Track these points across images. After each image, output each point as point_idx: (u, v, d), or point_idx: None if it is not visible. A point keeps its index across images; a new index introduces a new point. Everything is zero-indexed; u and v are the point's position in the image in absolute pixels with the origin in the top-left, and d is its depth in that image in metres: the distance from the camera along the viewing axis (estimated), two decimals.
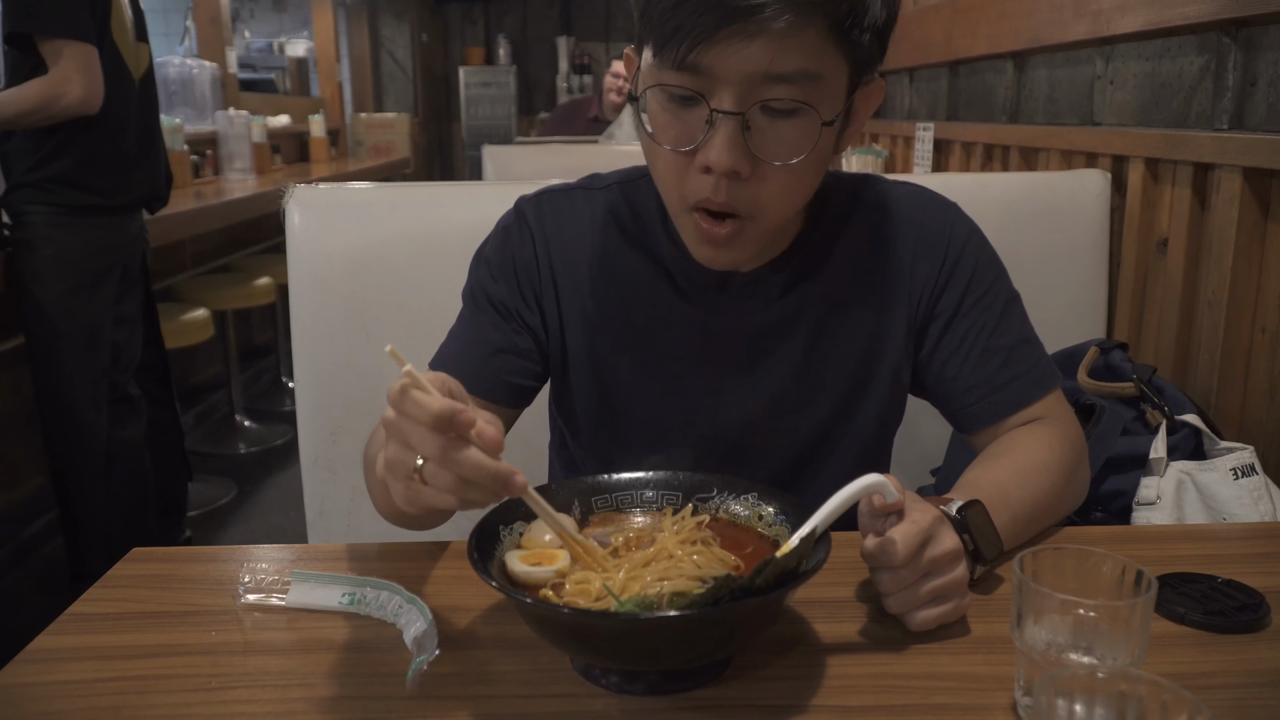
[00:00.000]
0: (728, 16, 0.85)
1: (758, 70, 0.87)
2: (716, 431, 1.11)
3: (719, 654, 0.76)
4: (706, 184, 0.92)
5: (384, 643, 0.83)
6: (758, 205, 0.94)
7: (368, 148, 7.44)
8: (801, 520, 0.80)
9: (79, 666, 0.80)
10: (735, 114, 0.89)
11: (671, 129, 0.93)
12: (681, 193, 0.96)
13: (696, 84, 0.89)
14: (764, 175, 0.92)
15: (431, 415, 0.69)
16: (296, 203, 1.48)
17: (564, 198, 1.13)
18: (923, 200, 1.13)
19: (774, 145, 0.91)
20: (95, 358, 2.71)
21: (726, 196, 0.92)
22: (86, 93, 2.51)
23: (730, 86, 0.88)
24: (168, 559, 1.00)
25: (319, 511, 1.50)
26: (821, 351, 1.09)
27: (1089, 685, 0.61)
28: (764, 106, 0.89)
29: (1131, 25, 1.84)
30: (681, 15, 0.86)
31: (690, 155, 0.92)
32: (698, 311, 1.08)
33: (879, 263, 1.10)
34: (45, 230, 2.60)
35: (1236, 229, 1.52)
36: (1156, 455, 1.34)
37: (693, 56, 0.87)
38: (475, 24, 9.61)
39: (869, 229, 1.10)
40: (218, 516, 3.58)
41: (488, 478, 0.71)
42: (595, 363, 1.11)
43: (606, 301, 1.10)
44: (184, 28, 6.72)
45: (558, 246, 1.11)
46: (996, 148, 2.58)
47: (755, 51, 0.86)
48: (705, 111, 0.90)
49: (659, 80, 0.91)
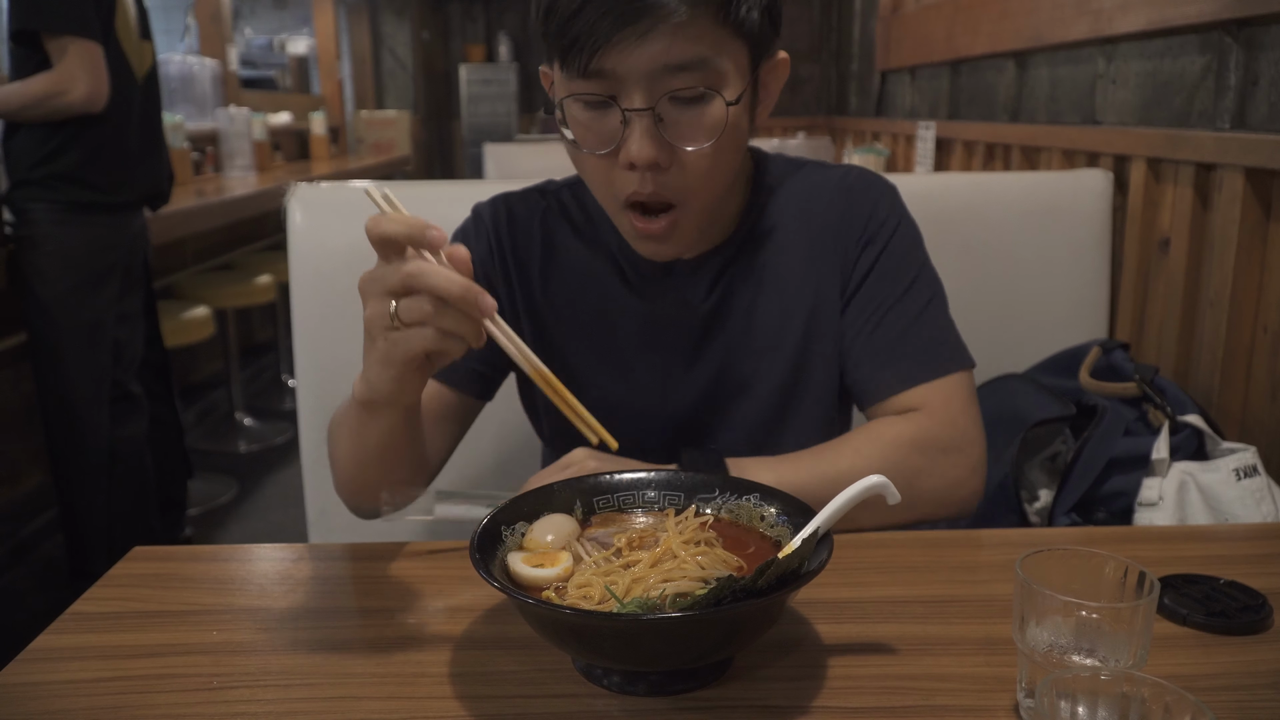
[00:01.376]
0: (620, 20, 0.90)
1: (657, 65, 0.92)
2: (667, 415, 1.15)
3: (721, 655, 0.76)
4: (632, 180, 0.98)
5: (386, 642, 0.83)
6: (685, 191, 0.99)
7: (368, 145, 7.44)
8: (804, 521, 0.80)
9: (80, 666, 0.80)
10: (645, 110, 0.94)
11: (591, 134, 0.98)
12: (612, 192, 1.01)
13: (605, 87, 0.94)
14: (683, 161, 0.97)
15: (405, 224, 0.79)
16: (298, 201, 1.48)
17: (518, 200, 1.20)
18: (858, 182, 1.17)
19: (687, 132, 0.96)
20: (97, 355, 2.71)
21: (654, 187, 0.98)
22: (92, 90, 2.51)
23: (636, 84, 0.93)
24: (168, 558, 1.00)
25: (320, 510, 1.50)
26: (761, 331, 1.13)
27: (1091, 687, 0.61)
28: (671, 97, 0.94)
29: (1133, 24, 1.84)
30: (578, 26, 0.91)
31: (613, 156, 0.98)
32: (643, 300, 1.14)
33: (812, 242, 1.14)
34: (48, 228, 2.60)
35: (1238, 228, 1.51)
36: (1159, 456, 1.34)
37: (595, 63, 0.92)
38: (476, 21, 9.60)
39: (804, 210, 1.15)
40: (218, 514, 3.58)
41: (459, 289, 0.78)
42: (549, 354, 1.15)
43: (558, 295, 1.16)
44: (185, 25, 6.71)
45: (511, 245, 1.17)
46: (998, 146, 2.58)
47: (652, 48, 0.91)
48: (618, 113, 0.95)
49: (570, 90, 0.96)
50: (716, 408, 1.15)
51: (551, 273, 1.16)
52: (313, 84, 8.57)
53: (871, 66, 4.27)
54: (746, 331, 1.14)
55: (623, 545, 0.84)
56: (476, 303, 0.79)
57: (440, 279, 0.78)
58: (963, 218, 1.67)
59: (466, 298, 0.78)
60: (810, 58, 5.65)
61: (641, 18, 0.90)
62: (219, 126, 4.80)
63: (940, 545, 1.01)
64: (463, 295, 0.78)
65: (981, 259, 1.67)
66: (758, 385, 1.14)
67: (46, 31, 2.48)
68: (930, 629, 0.84)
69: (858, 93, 4.77)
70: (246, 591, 0.93)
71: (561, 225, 1.18)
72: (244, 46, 8.24)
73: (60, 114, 2.52)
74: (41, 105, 2.49)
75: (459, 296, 0.78)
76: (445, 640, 0.83)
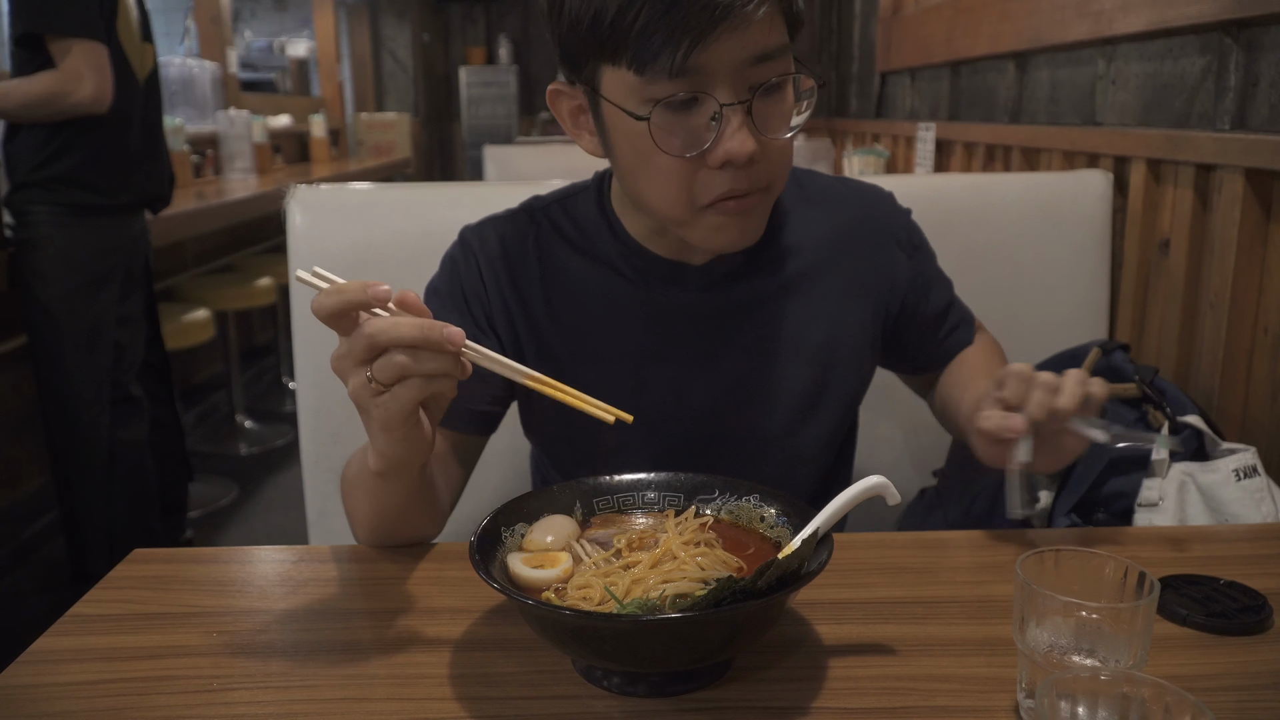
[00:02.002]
0: (720, 13, 0.87)
1: (748, 55, 0.91)
2: (681, 427, 1.12)
3: (721, 656, 0.76)
4: (724, 179, 0.95)
5: (386, 644, 0.83)
6: (768, 180, 0.98)
7: (369, 147, 7.44)
8: (804, 522, 0.80)
9: (80, 668, 0.80)
10: (739, 103, 0.92)
11: (674, 139, 0.94)
12: (691, 196, 0.97)
13: (695, 86, 0.91)
14: (769, 153, 0.96)
15: (345, 292, 0.78)
16: (298, 203, 1.48)
17: (506, 222, 1.15)
18: (866, 191, 1.22)
19: (775, 120, 0.96)
20: (98, 358, 2.71)
21: (749, 184, 0.96)
22: (97, 90, 2.50)
23: (727, 79, 0.91)
24: (169, 560, 1.00)
25: (320, 512, 1.50)
26: (784, 336, 1.12)
27: (1091, 687, 0.61)
28: (759, 88, 0.93)
29: (1133, 25, 1.84)
30: (672, 22, 0.87)
31: (698, 159, 0.94)
32: (655, 304, 1.11)
33: (835, 247, 1.15)
34: (49, 230, 2.59)
35: (1239, 230, 1.51)
36: (1159, 457, 1.34)
37: (686, 61, 0.89)
38: (476, 23, 9.61)
39: (821, 218, 1.16)
40: (219, 517, 3.58)
41: (420, 332, 0.77)
42: (558, 368, 1.11)
43: (560, 312, 1.12)
44: (185, 27, 6.71)
45: (504, 269, 1.12)
46: (998, 148, 2.58)
47: (744, 39, 0.90)
48: (707, 112, 0.92)
49: (651, 96, 0.92)
50: (734, 414, 1.12)
51: (554, 296, 1.12)
52: (313, 86, 8.58)
53: (871, 68, 4.27)
54: (768, 336, 1.11)
55: (622, 546, 0.84)
56: (443, 338, 0.77)
57: (400, 329, 0.77)
58: (963, 219, 1.67)
59: (430, 336, 0.77)
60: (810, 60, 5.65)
61: (727, 12, 0.88)
62: (219, 129, 4.80)
63: (940, 546, 1.01)
64: (425, 336, 0.77)
65: (981, 260, 1.67)
66: (779, 392, 1.12)
67: (50, 33, 2.47)
68: (930, 630, 0.84)
69: (858, 94, 4.77)
70: (246, 593, 0.93)
71: (557, 244, 1.13)
72: (244, 49, 8.25)
73: (64, 114, 2.51)
74: (46, 105, 2.48)
75: (423, 339, 0.77)
76: (445, 641, 0.83)
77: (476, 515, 0.84)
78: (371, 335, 0.77)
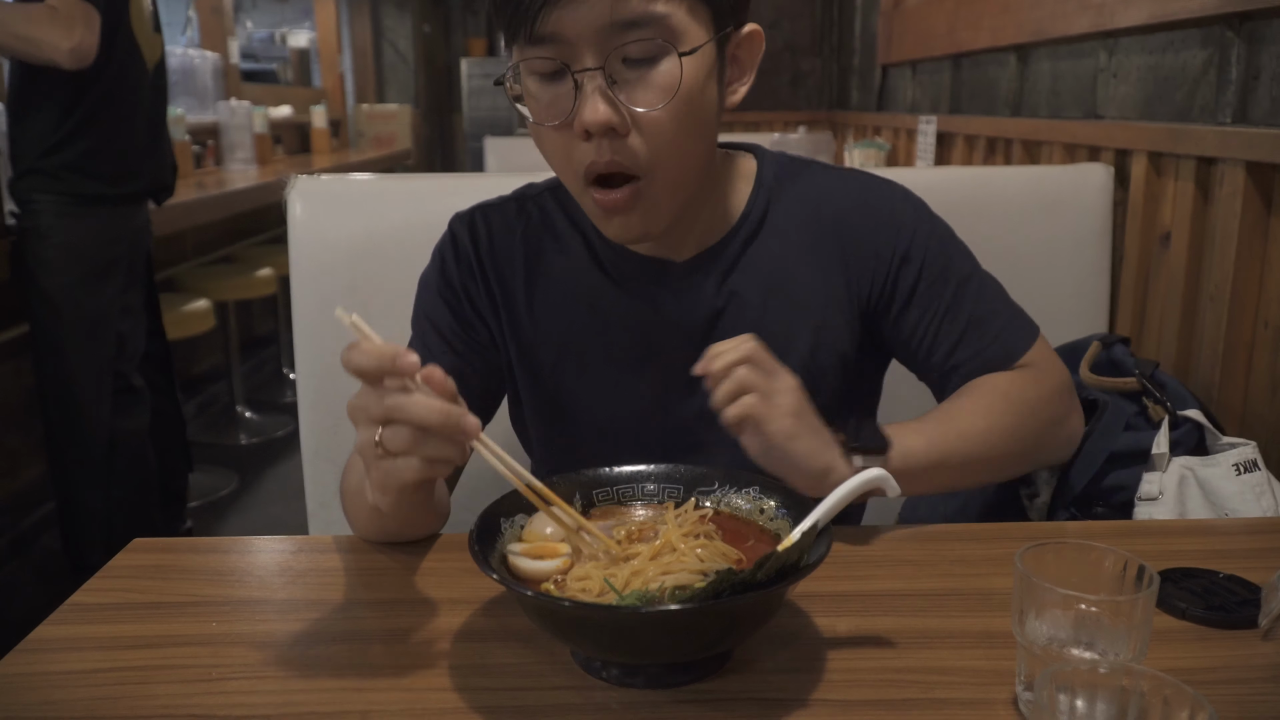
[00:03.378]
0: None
1: (604, 22, 0.88)
2: (666, 429, 1.10)
3: (720, 647, 0.76)
4: (589, 149, 0.94)
5: (385, 634, 0.83)
6: (646, 160, 0.94)
7: (369, 139, 7.43)
8: (803, 514, 0.80)
9: (79, 657, 0.80)
10: (596, 69, 0.90)
11: (543, 106, 0.94)
12: (572, 168, 0.97)
13: (554, 53, 0.91)
14: (641, 125, 0.93)
15: (374, 357, 0.77)
16: (298, 194, 1.48)
17: (496, 211, 1.14)
18: (866, 184, 1.13)
19: (641, 92, 0.92)
20: (100, 348, 2.70)
21: (611, 155, 0.93)
22: (80, 43, 2.42)
23: (585, 45, 0.90)
24: (168, 549, 1.00)
25: (320, 503, 1.50)
26: (769, 338, 1.05)
27: (1090, 680, 0.61)
28: (624, 58, 0.91)
29: (1135, 18, 1.84)
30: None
31: (569, 127, 0.93)
32: (638, 307, 1.08)
33: (820, 247, 1.09)
34: (53, 219, 2.58)
35: (1239, 223, 1.51)
36: (1159, 450, 1.33)
37: (540, 27, 0.89)
38: (477, 15, 9.59)
39: (813, 214, 1.10)
40: (218, 507, 3.58)
41: (438, 418, 0.76)
42: (539, 373, 1.11)
43: (545, 311, 1.10)
44: (186, 18, 6.70)
45: (491, 262, 1.11)
46: (999, 141, 2.58)
47: (599, 4, 0.88)
48: (570, 79, 0.91)
49: (524, 64, 0.93)
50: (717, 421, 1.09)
51: (536, 294, 1.10)
52: (314, 77, 8.56)
53: (873, 61, 4.26)
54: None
55: (622, 538, 0.84)
56: (459, 427, 0.77)
57: (420, 411, 0.77)
58: (964, 212, 1.65)
59: (448, 424, 0.77)
60: (811, 52, 5.64)
61: None
62: (220, 120, 4.79)
63: (939, 539, 1.01)
64: (443, 423, 0.77)
65: (982, 253, 1.66)
66: None
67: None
68: (929, 622, 0.84)
69: (859, 87, 4.76)
70: (246, 583, 0.93)
71: (544, 238, 1.11)
72: (245, 39, 8.24)
73: (40, 57, 2.42)
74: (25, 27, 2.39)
75: (440, 425, 0.77)
76: (444, 632, 0.83)
77: (476, 505, 0.84)
78: (391, 409, 0.77)
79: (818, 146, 4.09)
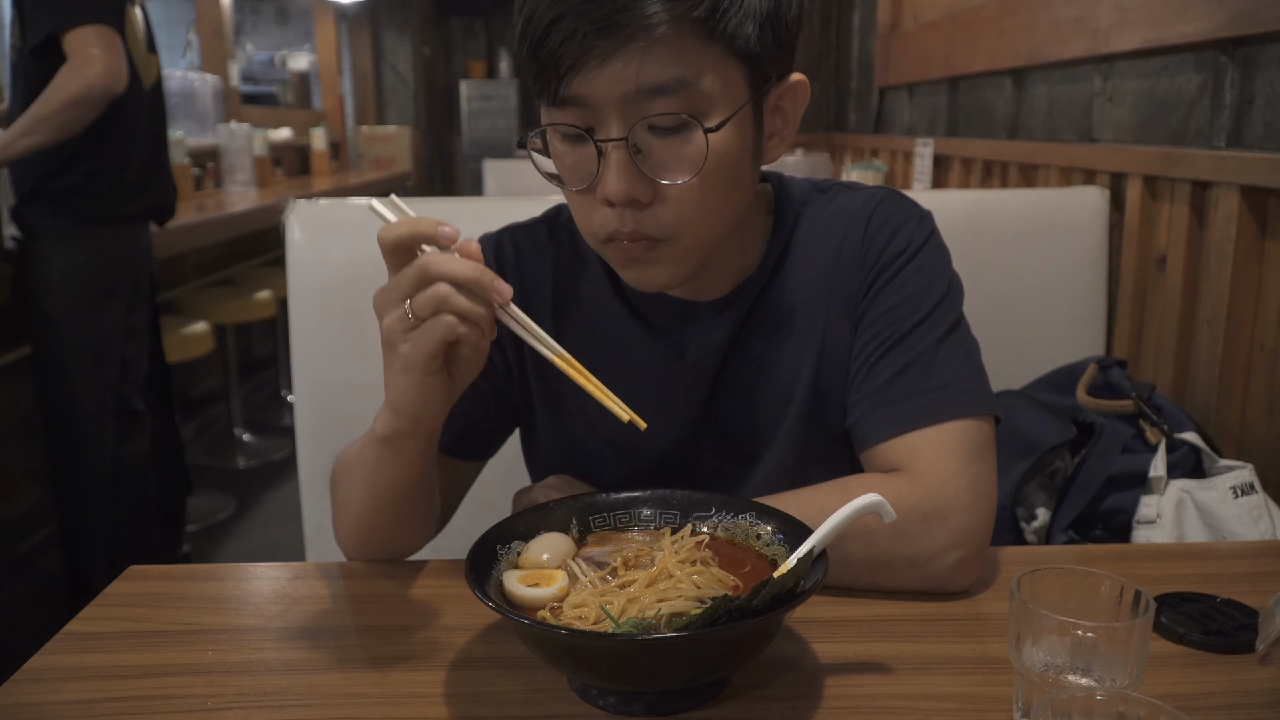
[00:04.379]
0: (588, 38, 0.82)
1: (629, 89, 0.84)
2: (688, 467, 1.08)
3: (716, 674, 0.76)
4: (612, 217, 0.90)
5: (382, 661, 0.83)
6: (670, 228, 0.91)
7: (369, 160, 7.46)
8: (799, 540, 0.80)
9: (75, 686, 0.80)
10: (619, 140, 0.86)
11: (568, 169, 0.92)
12: (591, 229, 0.94)
13: (580, 117, 0.87)
14: (666, 196, 0.89)
15: (414, 224, 0.80)
16: (296, 217, 1.49)
17: (525, 234, 1.11)
18: (883, 210, 1.05)
19: (667, 164, 0.88)
20: (104, 371, 2.70)
21: (634, 225, 0.90)
22: (106, 67, 2.43)
23: (611, 111, 0.86)
24: (165, 577, 1.00)
25: (318, 526, 1.50)
26: (775, 374, 1.05)
27: (1087, 707, 0.61)
28: (650, 126, 0.86)
29: (1130, 43, 1.85)
30: (546, 49, 0.84)
31: (591, 191, 0.90)
32: (665, 347, 1.05)
33: (827, 274, 1.05)
34: (56, 242, 2.58)
35: (1234, 246, 1.52)
36: (1156, 473, 1.34)
37: (565, 89, 0.86)
38: (477, 37, 9.63)
39: (825, 240, 1.05)
40: (216, 531, 3.57)
41: (473, 274, 0.78)
42: (559, 406, 1.09)
43: (569, 342, 1.04)
44: (186, 40, 6.74)
45: (518, 287, 1.05)
46: (996, 163, 2.59)
47: (622, 69, 0.83)
48: (594, 145, 0.87)
49: (549, 119, 0.90)
50: (734, 455, 1.07)
51: (563, 322, 1.07)
52: (314, 99, 8.60)
53: (870, 83, 4.28)
54: (760, 374, 1.05)
55: (618, 564, 0.84)
56: (492, 286, 0.79)
57: (455, 264, 0.78)
58: (961, 234, 1.66)
59: (481, 281, 0.79)
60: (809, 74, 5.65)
61: (610, 36, 0.82)
62: (220, 142, 4.81)
63: None
64: (477, 279, 0.79)
65: (979, 275, 1.67)
66: (774, 432, 1.05)
67: (64, 30, 2.42)
68: (926, 648, 0.84)
69: (856, 109, 4.79)
70: (242, 611, 0.93)
71: (575, 266, 1.08)
72: (245, 62, 8.28)
73: (80, 104, 2.43)
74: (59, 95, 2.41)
75: (473, 280, 0.78)
76: (441, 659, 0.83)
77: (473, 531, 0.84)
78: (424, 265, 0.79)
79: (815, 168, 4.11)
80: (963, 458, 0.93)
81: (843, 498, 0.78)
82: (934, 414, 0.95)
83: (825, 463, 1.07)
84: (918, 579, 0.92)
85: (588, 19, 0.82)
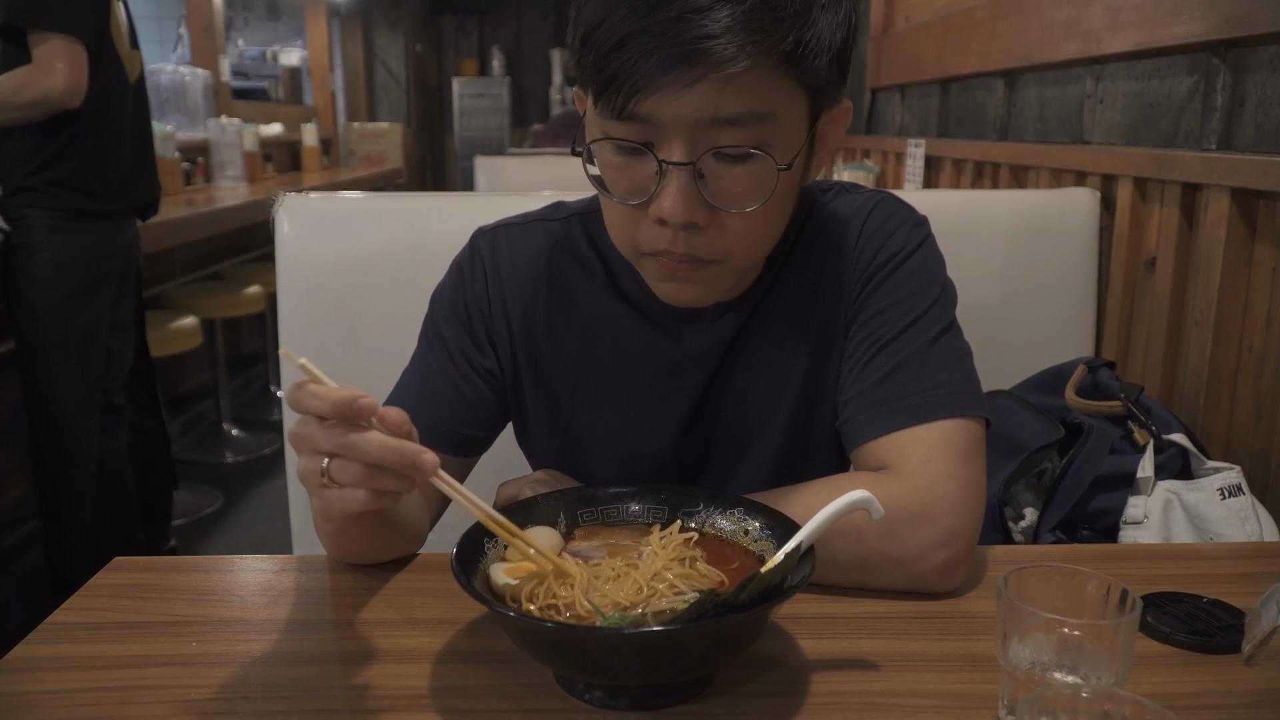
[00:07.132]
0: (667, 63, 0.79)
1: (704, 116, 0.82)
2: (677, 464, 1.08)
3: (703, 670, 0.75)
4: (663, 236, 0.88)
5: (367, 655, 0.82)
6: (723, 251, 0.90)
7: (360, 157, 7.44)
8: (787, 535, 0.80)
9: (58, 676, 0.79)
10: (686, 164, 0.84)
11: (621, 181, 0.89)
12: (636, 243, 0.92)
13: (642, 134, 0.85)
14: (723, 223, 0.88)
15: (330, 403, 0.72)
16: (286, 211, 1.48)
17: (520, 231, 1.09)
18: (879, 213, 1.05)
19: (730, 193, 0.86)
20: (89, 365, 2.69)
21: (686, 248, 0.89)
22: (68, 83, 2.46)
23: (678, 134, 0.83)
24: (149, 568, 0.99)
25: (305, 521, 1.49)
26: (769, 374, 1.05)
27: (1073, 705, 0.61)
28: (716, 153, 0.85)
29: (1121, 45, 1.85)
30: (618, 62, 0.80)
31: (643, 207, 0.88)
32: (665, 344, 1.05)
33: (822, 276, 1.05)
34: (43, 235, 2.58)
35: (1224, 249, 1.52)
36: (1144, 474, 1.34)
37: (634, 106, 0.82)
38: (469, 35, 9.63)
39: (824, 242, 1.05)
40: (203, 525, 3.56)
41: (393, 456, 0.72)
42: (555, 404, 1.09)
43: (566, 340, 1.06)
44: (177, 35, 6.71)
45: (512, 284, 1.06)
46: (987, 165, 2.59)
47: (699, 96, 0.81)
48: (654, 162, 0.85)
49: (604, 131, 0.87)
50: (729, 455, 1.08)
51: (557, 319, 1.06)
52: (305, 95, 8.57)
53: (862, 84, 4.28)
54: (755, 373, 1.05)
55: (606, 559, 0.83)
56: (415, 464, 0.73)
57: (374, 449, 0.72)
58: (952, 235, 1.66)
59: (403, 462, 0.73)
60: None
61: (693, 63, 0.79)
62: (210, 137, 4.79)
63: None
64: (398, 461, 0.73)
65: (969, 276, 1.67)
66: (767, 432, 1.06)
67: (33, 27, 2.45)
68: (913, 645, 0.84)
69: None
70: (227, 603, 0.92)
71: (572, 266, 1.07)
72: (236, 57, 8.24)
73: (36, 107, 2.47)
74: (18, 94, 2.44)
75: (394, 463, 0.73)
76: (426, 653, 0.82)
77: (461, 525, 0.83)
78: (343, 446, 0.73)
79: None
80: (953, 458, 0.93)
81: (831, 495, 0.78)
82: (925, 413, 0.95)
83: (815, 462, 1.08)
84: (904, 579, 0.91)
85: (669, 41, 0.79)
